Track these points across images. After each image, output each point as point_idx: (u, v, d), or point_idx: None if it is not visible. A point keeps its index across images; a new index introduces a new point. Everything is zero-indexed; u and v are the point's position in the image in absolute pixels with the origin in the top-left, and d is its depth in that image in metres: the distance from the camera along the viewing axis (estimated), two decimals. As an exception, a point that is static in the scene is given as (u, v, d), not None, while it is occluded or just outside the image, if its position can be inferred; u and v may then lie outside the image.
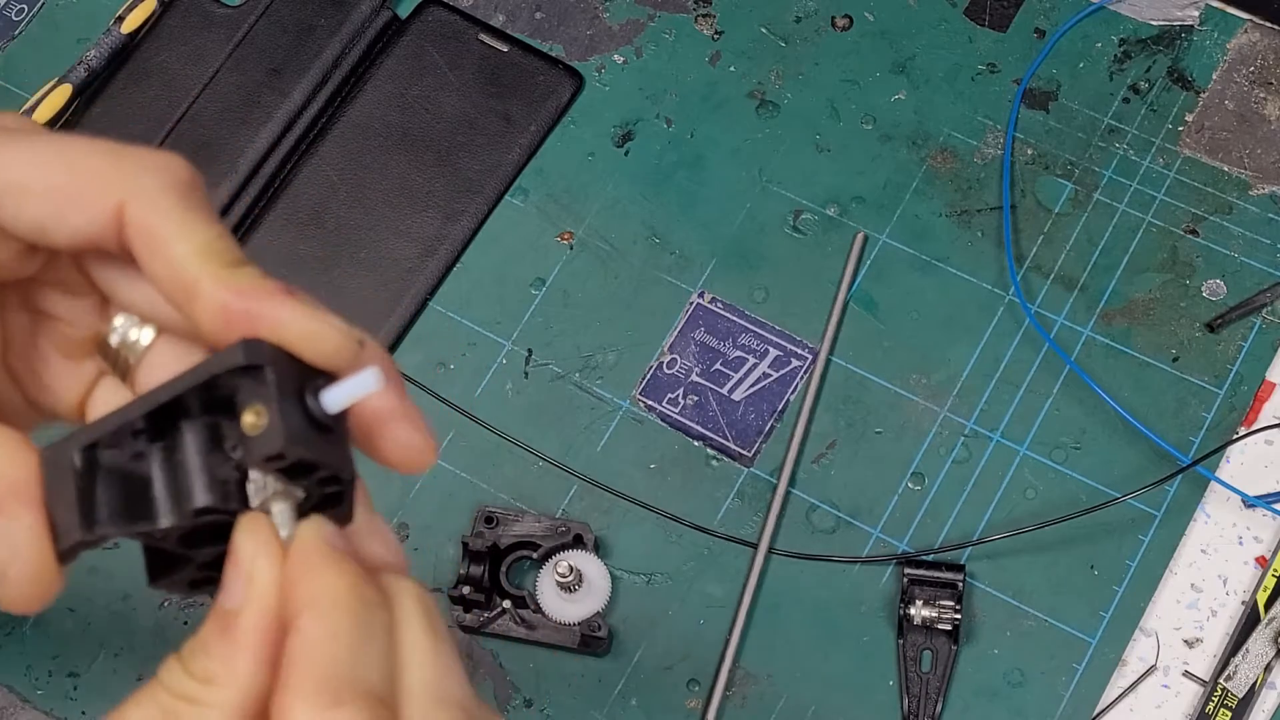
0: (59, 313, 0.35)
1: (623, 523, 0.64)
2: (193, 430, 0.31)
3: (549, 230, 0.69)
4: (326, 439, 0.31)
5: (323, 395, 0.30)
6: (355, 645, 0.29)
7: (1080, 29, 0.71)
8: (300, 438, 0.30)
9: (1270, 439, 0.63)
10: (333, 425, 0.31)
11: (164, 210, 0.31)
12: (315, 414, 0.30)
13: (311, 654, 0.29)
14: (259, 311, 0.30)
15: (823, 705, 0.60)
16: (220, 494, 0.30)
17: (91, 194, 0.31)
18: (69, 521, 0.30)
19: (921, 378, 0.65)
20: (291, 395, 0.30)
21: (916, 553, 0.62)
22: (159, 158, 0.32)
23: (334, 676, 0.29)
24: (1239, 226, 0.66)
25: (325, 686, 0.28)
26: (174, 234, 0.31)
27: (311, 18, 0.73)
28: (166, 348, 0.34)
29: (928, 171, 0.69)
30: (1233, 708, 0.58)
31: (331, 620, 0.29)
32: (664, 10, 0.73)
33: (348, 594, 0.30)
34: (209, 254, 0.31)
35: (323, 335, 0.30)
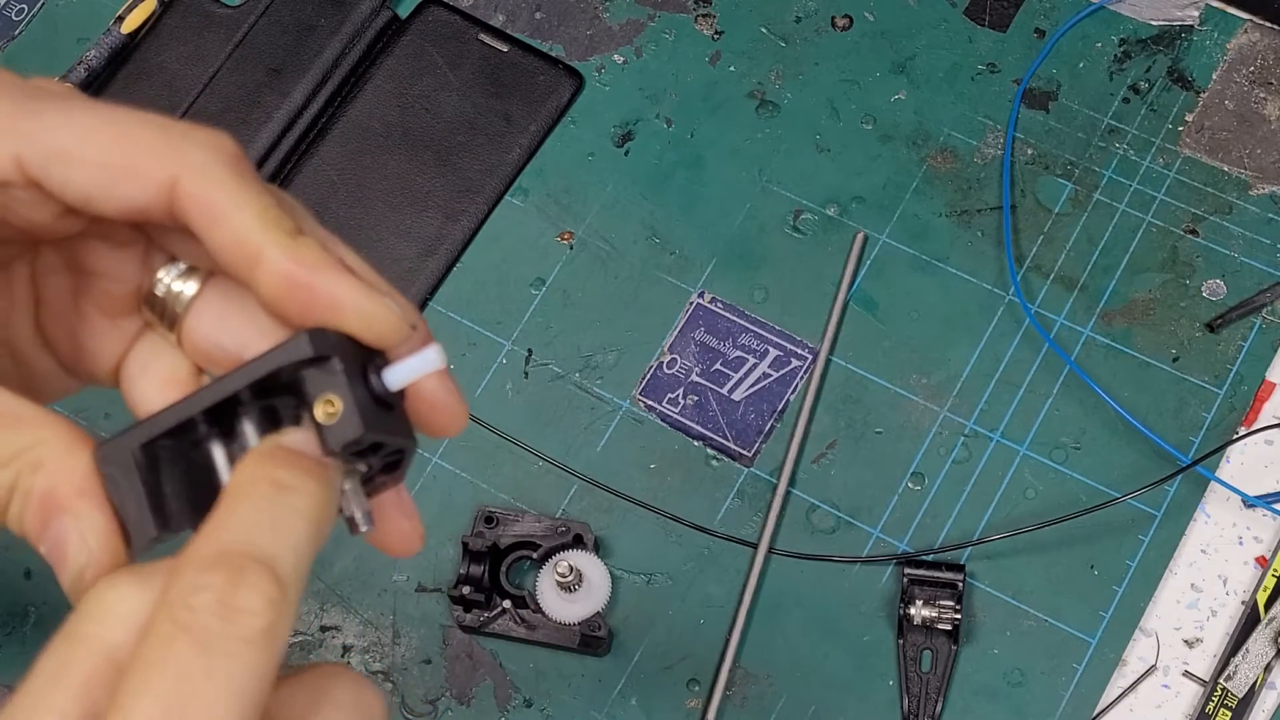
0: (101, 268, 0.34)
1: (623, 523, 0.64)
2: (249, 414, 0.31)
3: (549, 230, 0.69)
4: (391, 415, 0.31)
5: (386, 374, 0.31)
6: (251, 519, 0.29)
7: (1080, 29, 0.71)
8: (373, 422, 0.30)
9: (1270, 439, 0.63)
10: (395, 402, 0.32)
11: (219, 182, 0.31)
12: (379, 393, 0.31)
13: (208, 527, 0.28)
14: (319, 286, 0.31)
15: (823, 705, 0.60)
16: None
17: (144, 167, 0.31)
18: (140, 519, 0.30)
19: (921, 378, 0.65)
20: (358, 379, 0.31)
21: (916, 553, 0.62)
22: (208, 133, 0.32)
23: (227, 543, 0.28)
24: (1239, 226, 0.66)
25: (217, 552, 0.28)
26: (233, 204, 0.31)
27: (311, 18, 0.73)
28: (213, 296, 0.34)
29: (928, 171, 0.69)
30: (1233, 708, 0.58)
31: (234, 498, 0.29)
32: (664, 10, 0.73)
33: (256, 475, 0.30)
34: (270, 222, 0.31)
35: (379, 317, 0.31)
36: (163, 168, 0.31)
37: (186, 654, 0.26)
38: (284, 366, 0.30)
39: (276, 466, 0.30)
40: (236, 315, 0.34)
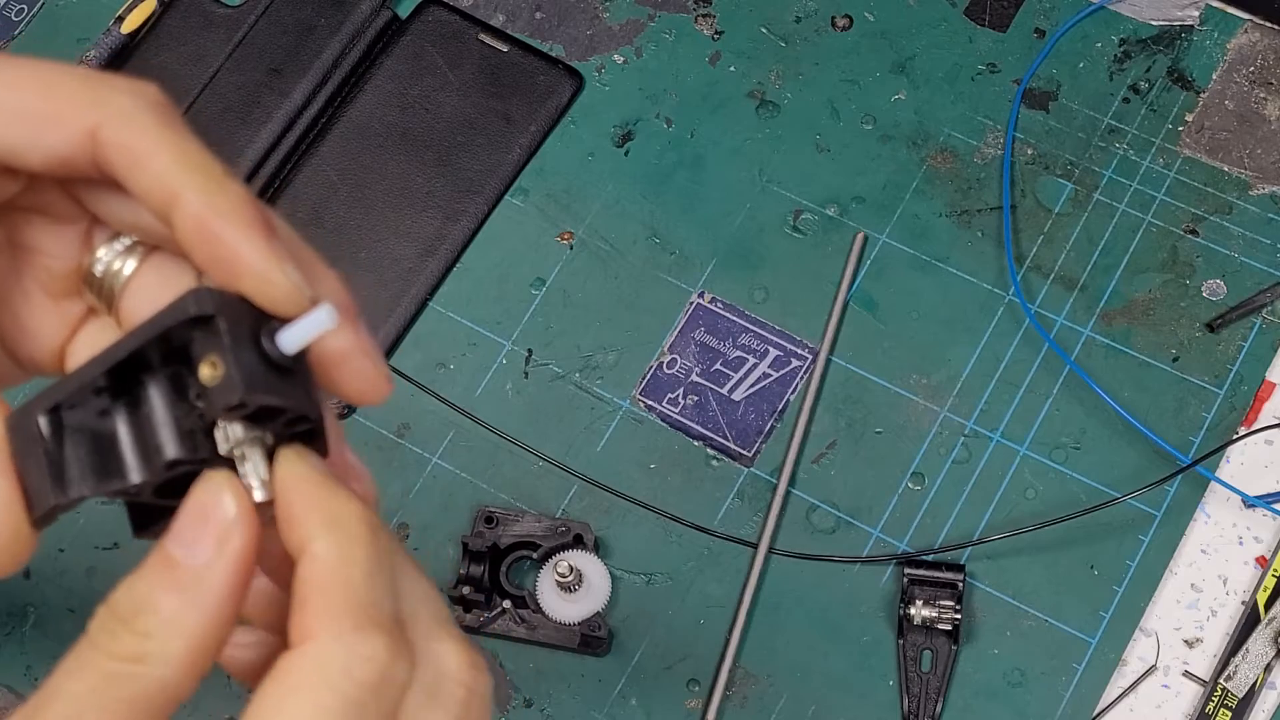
0: (41, 245, 0.34)
1: (623, 523, 0.64)
2: (156, 383, 0.31)
3: (549, 230, 0.69)
4: (287, 380, 0.30)
5: (278, 336, 0.30)
6: (371, 570, 0.29)
7: (1080, 29, 0.71)
8: (259, 384, 0.30)
9: (1270, 439, 0.63)
10: (292, 366, 0.31)
11: (142, 126, 0.31)
12: (273, 356, 0.30)
13: (330, 579, 0.29)
14: (225, 237, 0.30)
15: (823, 705, 0.60)
16: (189, 445, 0.30)
17: (65, 115, 0.31)
18: (42, 486, 0.30)
19: (921, 378, 0.65)
20: (246, 341, 0.30)
21: (916, 553, 0.62)
22: (131, 81, 0.32)
23: (356, 601, 0.29)
24: (1239, 226, 0.66)
25: (348, 610, 0.28)
26: (154, 147, 0.31)
27: (311, 18, 0.73)
28: (151, 275, 0.34)
29: (928, 171, 0.69)
30: (1233, 708, 0.58)
31: (347, 544, 0.29)
32: (664, 10, 0.73)
33: (359, 518, 0.30)
34: (192, 165, 0.31)
35: (274, 281, 0.30)
36: (84, 115, 0.31)
37: None
38: (171, 327, 0.30)
39: None
40: (174, 294, 0.33)
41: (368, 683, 0.28)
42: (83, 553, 0.65)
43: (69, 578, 0.65)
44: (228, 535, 0.29)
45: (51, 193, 0.34)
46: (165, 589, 0.29)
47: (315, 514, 0.30)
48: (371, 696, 0.28)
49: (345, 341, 0.32)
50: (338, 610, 0.29)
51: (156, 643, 0.28)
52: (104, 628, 0.29)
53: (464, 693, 0.31)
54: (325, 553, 0.29)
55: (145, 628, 0.28)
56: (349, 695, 0.28)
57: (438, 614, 0.31)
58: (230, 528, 0.29)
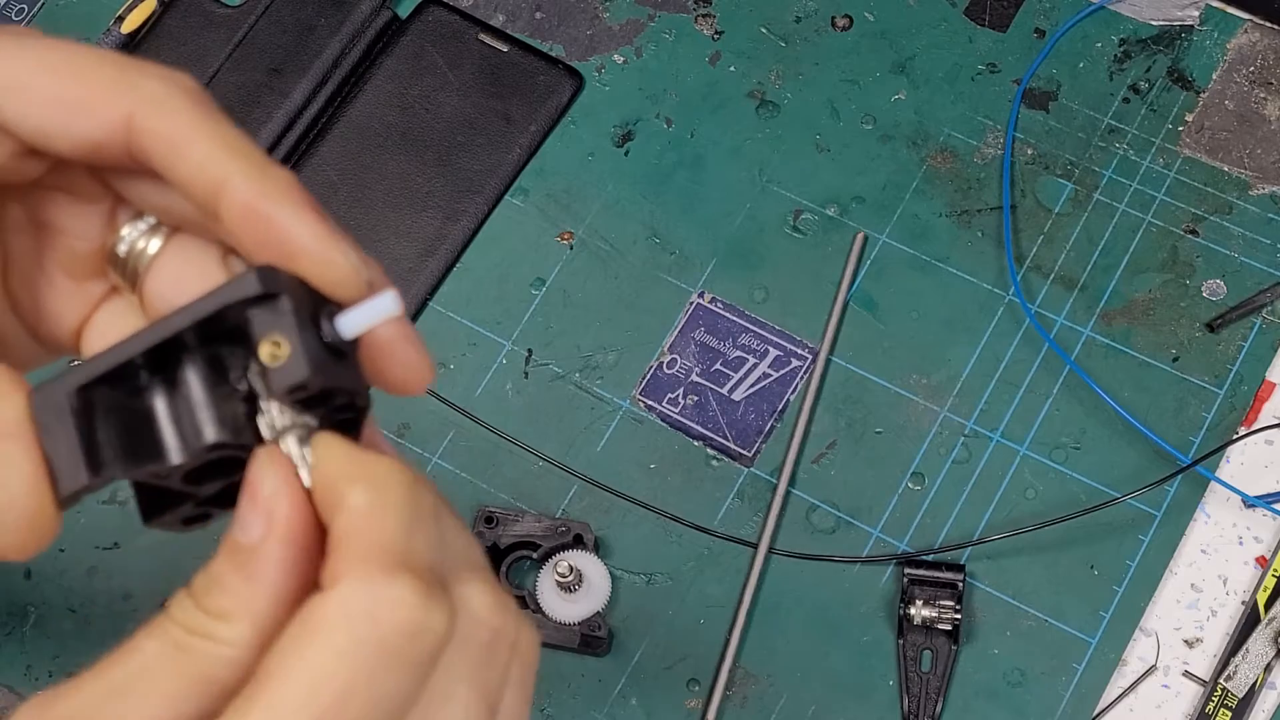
0: (65, 225, 0.34)
1: (623, 523, 0.64)
2: (194, 362, 0.30)
3: (549, 230, 0.69)
4: (343, 365, 0.30)
5: (338, 320, 0.30)
6: (410, 517, 0.29)
7: (1080, 29, 0.71)
8: (322, 367, 0.29)
9: (1270, 439, 0.63)
10: (348, 351, 0.30)
11: (178, 113, 0.30)
12: (331, 340, 0.30)
13: (363, 525, 0.28)
14: (279, 220, 0.30)
15: (823, 705, 0.60)
16: (232, 429, 0.30)
17: (100, 101, 0.30)
18: (71, 465, 0.29)
19: (921, 378, 0.65)
20: (308, 323, 0.29)
21: (916, 553, 0.62)
22: (164, 68, 0.31)
23: (387, 547, 0.28)
24: (1239, 226, 0.66)
25: (378, 555, 0.28)
26: (195, 134, 0.30)
27: (311, 18, 0.73)
28: (175, 255, 0.33)
29: (928, 171, 0.69)
30: (1233, 708, 0.58)
31: (383, 494, 0.29)
32: (664, 10, 0.73)
33: (397, 472, 0.29)
34: (236, 152, 0.30)
35: (335, 263, 0.30)
36: (118, 102, 0.30)
37: None
38: (229, 305, 0.29)
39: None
40: (198, 274, 0.33)
41: (397, 630, 0.28)
42: (83, 553, 0.65)
43: (69, 578, 0.65)
44: (273, 508, 0.29)
45: (77, 172, 0.33)
46: (230, 569, 0.29)
47: (351, 474, 0.29)
48: (403, 644, 0.28)
49: (394, 329, 0.31)
50: (368, 554, 0.28)
51: (221, 620, 0.28)
52: (180, 604, 0.29)
53: (488, 634, 0.30)
54: (359, 501, 0.29)
55: (213, 606, 0.29)
56: (375, 641, 0.27)
57: (470, 558, 0.31)
58: (274, 501, 0.29)
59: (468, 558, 0.31)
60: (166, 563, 0.63)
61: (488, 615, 0.30)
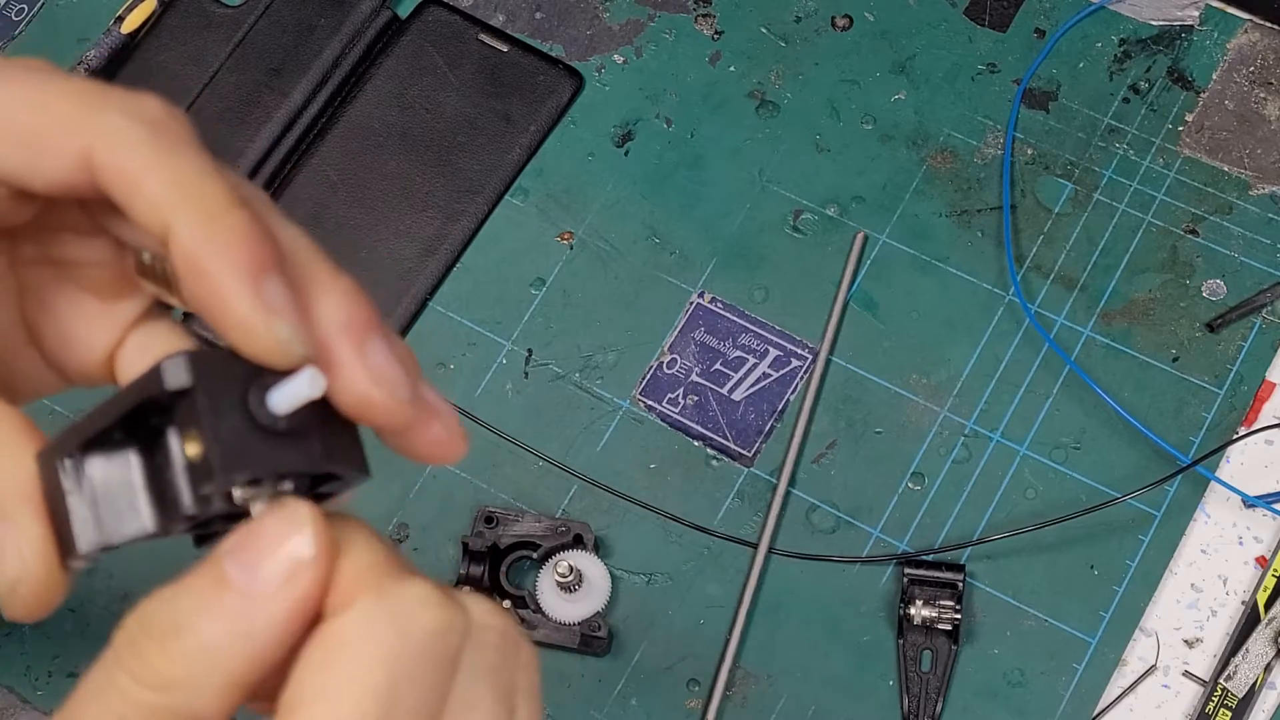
0: (79, 257, 0.33)
1: (623, 523, 0.64)
2: (173, 430, 0.28)
3: (549, 230, 0.69)
4: (290, 442, 0.28)
5: (269, 398, 0.28)
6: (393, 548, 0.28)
7: (1080, 29, 0.71)
8: (240, 461, 0.27)
9: (1270, 439, 0.63)
10: (293, 426, 0.28)
11: (134, 146, 0.28)
12: (263, 421, 0.28)
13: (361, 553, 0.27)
14: (212, 280, 0.27)
15: (823, 705, 0.60)
16: (205, 505, 0.28)
17: (57, 138, 0.28)
18: (68, 536, 0.29)
19: (921, 378, 0.65)
20: (232, 408, 0.27)
21: (916, 553, 0.62)
22: (127, 97, 0.29)
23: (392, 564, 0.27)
24: (1239, 226, 0.66)
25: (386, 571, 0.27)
26: (146, 170, 0.28)
27: (311, 18, 0.73)
28: None
29: (928, 171, 0.69)
30: (1233, 708, 0.58)
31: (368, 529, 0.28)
32: (664, 10, 0.73)
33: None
34: (185, 193, 0.28)
35: (255, 335, 0.27)
36: (75, 138, 0.28)
37: None
38: (146, 400, 0.28)
39: None
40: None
41: (425, 629, 0.26)
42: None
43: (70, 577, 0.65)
44: (297, 575, 0.27)
45: (72, 211, 0.32)
46: (213, 612, 0.26)
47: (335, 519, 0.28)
48: (432, 643, 0.26)
49: (398, 409, 0.29)
50: (375, 573, 0.27)
51: (190, 670, 0.26)
52: (133, 644, 0.26)
53: (496, 636, 0.29)
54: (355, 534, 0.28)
55: (181, 651, 0.26)
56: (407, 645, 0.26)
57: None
58: (304, 566, 0.27)
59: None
60: (166, 563, 0.63)
61: (492, 618, 0.30)
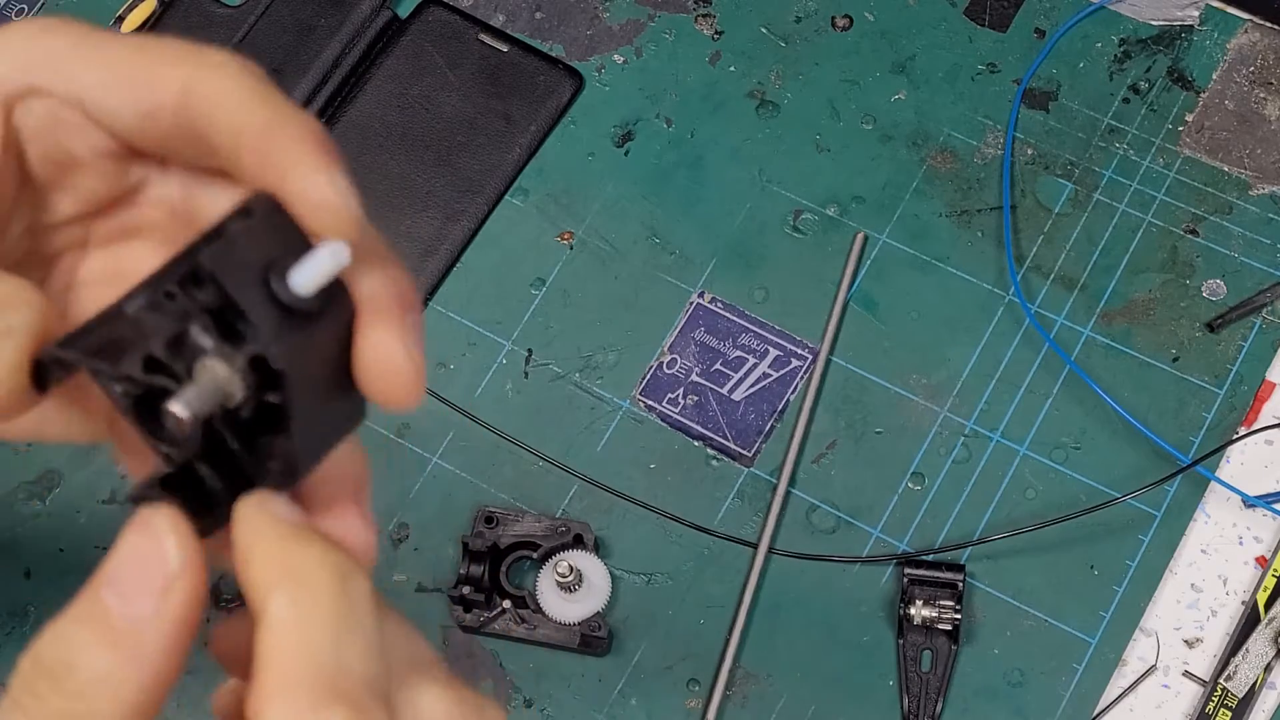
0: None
1: (623, 523, 0.64)
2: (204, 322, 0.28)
3: (549, 230, 0.69)
4: (283, 321, 0.28)
5: (290, 275, 0.28)
6: (337, 629, 0.26)
7: (1080, 29, 0.71)
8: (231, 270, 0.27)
9: (1270, 439, 0.63)
10: (300, 319, 0.28)
11: (228, 77, 0.30)
12: (275, 288, 0.28)
13: (286, 647, 0.25)
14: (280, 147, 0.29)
15: (823, 705, 0.60)
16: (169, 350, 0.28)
17: (159, 73, 0.30)
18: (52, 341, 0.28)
19: (921, 378, 0.65)
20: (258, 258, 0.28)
21: (916, 553, 0.62)
22: (222, 50, 0.31)
23: (316, 672, 0.25)
24: (1239, 226, 0.66)
25: (307, 685, 0.25)
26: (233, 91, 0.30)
27: (311, 18, 0.73)
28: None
29: (928, 171, 0.69)
30: (1233, 708, 0.58)
31: (309, 599, 0.26)
32: (664, 10, 0.73)
33: (326, 567, 0.26)
34: (264, 100, 0.30)
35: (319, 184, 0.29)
36: (177, 72, 0.30)
37: None
38: (229, 219, 0.28)
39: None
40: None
41: None
42: (83, 552, 0.65)
43: (69, 578, 0.64)
44: (171, 587, 0.26)
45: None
46: (99, 645, 0.26)
47: (273, 567, 0.26)
48: None
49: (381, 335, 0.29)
50: (295, 680, 0.25)
51: (89, 705, 0.25)
52: (29, 687, 0.26)
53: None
54: (283, 612, 0.26)
55: (76, 688, 0.26)
56: None
57: (415, 656, 0.28)
58: (174, 578, 0.26)
59: (412, 656, 0.28)
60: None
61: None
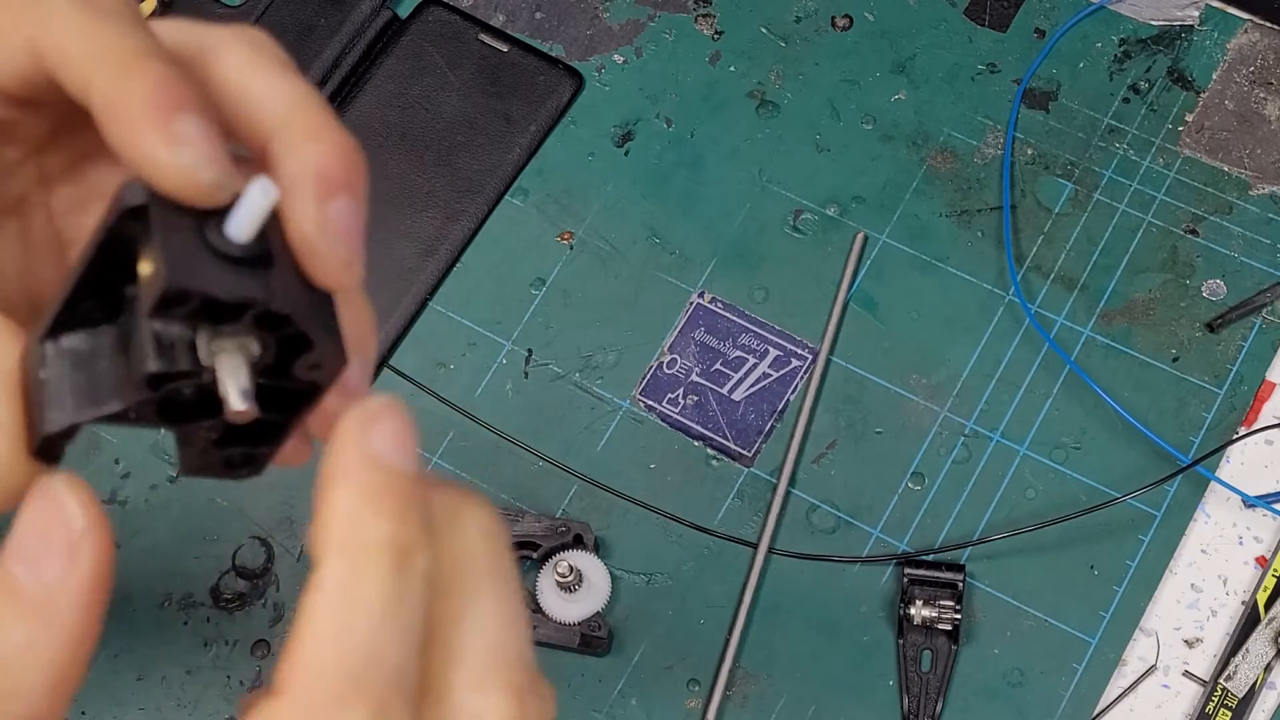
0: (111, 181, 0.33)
1: (623, 523, 0.64)
2: (135, 292, 0.27)
3: (549, 230, 0.69)
4: (246, 271, 0.27)
5: (225, 225, 0.27)
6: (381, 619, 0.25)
7: (1080, 29, 0.71)
8: (189, 270, 0.26)
9: (1270, 439, 0.63)
10: (256, 255, 0.27)
11: (65, 19, 0.28)
12: (225, 250, 0.27)
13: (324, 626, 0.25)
14: (124, 120, 0.27)
15: (823, 705, 0.60)
16: (168, 358, 0.27)
17: (5, 30, 0.28)
18: (35, 414, 0.28)
19: (921, 378, 0.65)
20: (185, 231, 0.26)
21: (916, 553, 0.62)
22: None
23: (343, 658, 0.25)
24: (1239, 226, 0.66)
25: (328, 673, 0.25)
26: (73, 37, 0.27)
27: (311, 18, 0.73)
28: None
29: (928, 171, 0.69)
30: (1233, 708, 0.58)
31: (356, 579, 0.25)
32: (664, 10, 0.73)
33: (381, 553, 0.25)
34: (104, 49, 0.27)
35: (160, 163, 0.26)
36: (21, 26, 0.28)
37: None
38: (113, 227, 0.27)
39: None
40: None
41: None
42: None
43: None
44: (78, 548, 0.26)
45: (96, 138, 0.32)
46: (13, 616, 0.25)
47: (341, 527, 0.26)
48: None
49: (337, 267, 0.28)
50: (316, 669, 0.25)
51: (13, 679, 0.25)
52: None
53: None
54: (328, 584, 0.25)
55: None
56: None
57: (495, 657, 0.27)
58: (80, 538, 0.26)
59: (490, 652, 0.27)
60: (166, 563, 0.63)
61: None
